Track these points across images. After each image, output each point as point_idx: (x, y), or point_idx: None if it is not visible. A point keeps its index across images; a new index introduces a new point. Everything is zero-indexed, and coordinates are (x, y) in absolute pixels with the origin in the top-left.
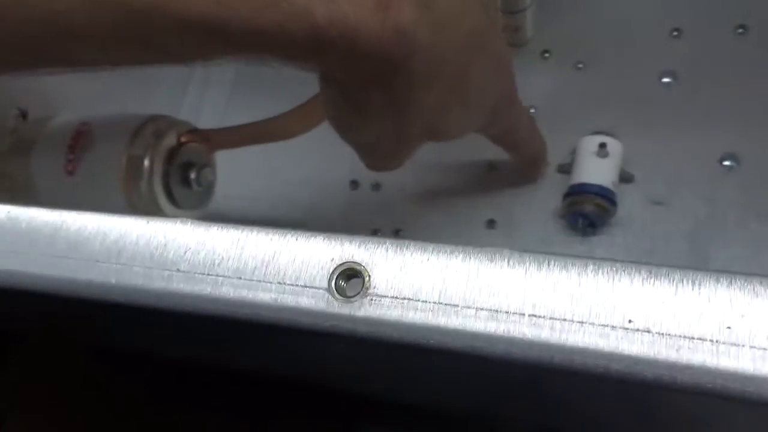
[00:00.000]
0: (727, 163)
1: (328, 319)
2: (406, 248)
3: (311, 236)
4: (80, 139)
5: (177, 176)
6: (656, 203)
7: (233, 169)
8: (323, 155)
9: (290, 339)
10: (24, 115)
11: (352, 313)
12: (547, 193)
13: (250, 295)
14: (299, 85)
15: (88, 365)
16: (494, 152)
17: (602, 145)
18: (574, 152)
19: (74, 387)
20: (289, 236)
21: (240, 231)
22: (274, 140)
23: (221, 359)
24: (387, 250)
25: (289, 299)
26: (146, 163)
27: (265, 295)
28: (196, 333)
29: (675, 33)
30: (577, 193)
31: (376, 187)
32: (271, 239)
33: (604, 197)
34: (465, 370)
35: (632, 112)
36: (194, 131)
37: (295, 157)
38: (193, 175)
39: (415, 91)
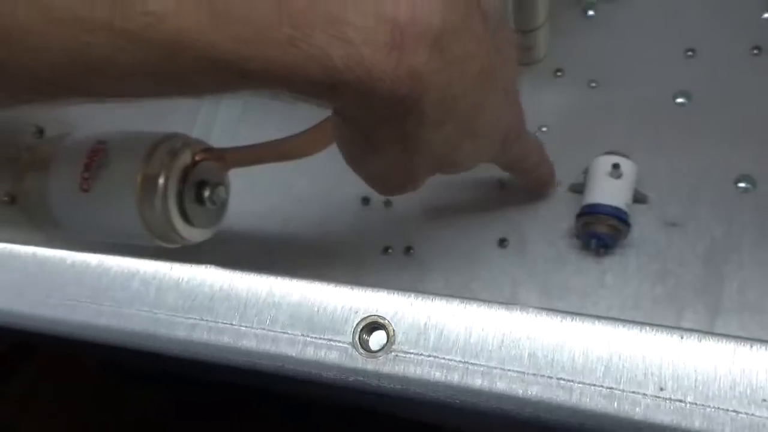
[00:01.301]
0: (742, 185)
1: (352, 374)
2: (431, 301)
3: (336, 286)
4: (96, 157)
5: (191, 194)
6: (670, 224)
7: (245, 186)
8: (335, 172)
9: (311, 386)
10: (41, 132)
11: (377, 368)
12: (560, 213)
13: (273, 348)
14: (310, 106)
15: (97, 375)
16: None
17: (616, 166)
18: (586, 172)
19: (82, 397)
20: (313, 285)
21: (264, 278)
22: (288, 159)
23: (240, 381)
24: (412, 304)
25: (312, 352)
26: (161, 181)
27: (288, 348)
28: (216, 369)
29: (690, 53)
30: (591, 213)
31: (388, 204)
32: (296, 287)
33: (618, 218)
34: (491, 421)
35: (646, 132)
36: (209, 150)
37: (307, 173)
38: (207, 194)
39: (426, 129)
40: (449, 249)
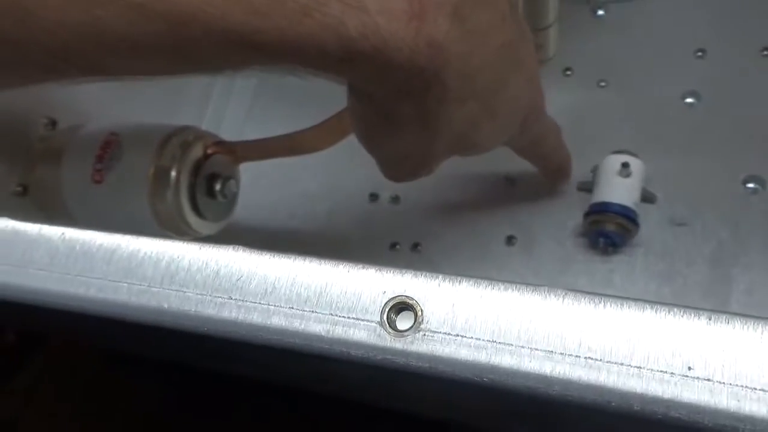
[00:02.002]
0: (750, 185)
1: (380, 353)
2: (459, 283)
3: (363, 268)
4: (108, 149)
5: (202, 187)
6: (678, 224)
7: (252, 179)
8: (342, 167)
9: (334, 366)
10: (53, 123)
11: (405, 347)
12: (567, 211)
13: (302, 326)
14: (317, 100)
15: (104, 370)
16: (513, 166)
17: (625, 165)
18: (595, 170)
19: (86, 390)
20: (340, 267)
21: (292, 260)
22: (299, 154)
23: (251, 373)
24: (439, 285)
25: (340, 331)
26: (173, 173)
27: (316, 326)
28: (239, 353)
29: (699, 53)
30: (599, 212)
31: (395, 200)
32: (323, 269)
33: (626, 217)
34: (513, 404)
35: (654, 132)
36: (220, 143)
37: (314, 168)
38: (218, 187)
39: (448, 104)
40: (456, 246)
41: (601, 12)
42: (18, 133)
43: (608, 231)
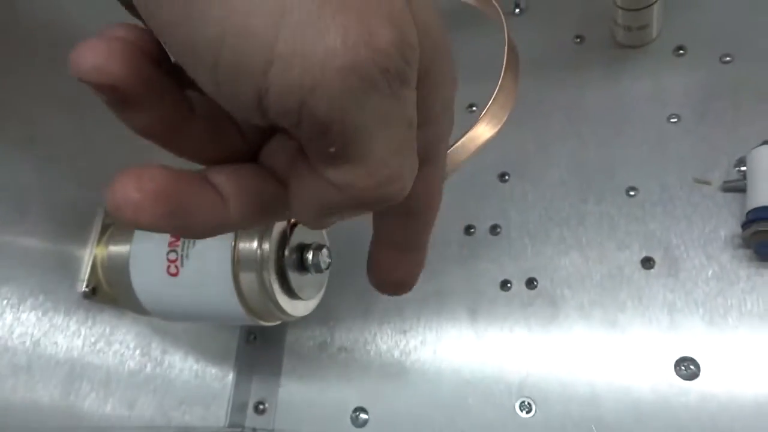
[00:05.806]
0: None
1: None
2: None
3: None
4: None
5: (292, 262)
6: None
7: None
8: None
9: None
10: None
11: None
12: (714, 219)
13: None
14: None
15: None
16: (633, 173)
17: None
18: (743, 165)
19: None
20: None
21: None
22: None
23: None
24: None
25: None
26: (258, 252)
27: None
28: None
29: None
30: (765, 218)
31: (494, 229)
32: None
33: None
34: None
35: None
36: None
37: None
38: (311, 259)
39: None
40: (582, 277)
41: None
42: (78, 225)
43: None
